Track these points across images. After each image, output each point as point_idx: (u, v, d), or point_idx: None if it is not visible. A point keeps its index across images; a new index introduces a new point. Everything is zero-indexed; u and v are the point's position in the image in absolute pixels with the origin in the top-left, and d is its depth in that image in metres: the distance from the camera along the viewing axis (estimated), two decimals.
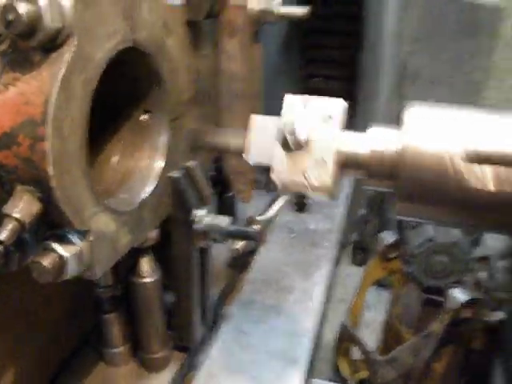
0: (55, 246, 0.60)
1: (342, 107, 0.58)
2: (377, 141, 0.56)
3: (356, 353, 2.45)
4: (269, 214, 1.45)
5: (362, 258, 3.53)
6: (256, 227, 0.91)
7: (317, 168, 0.60)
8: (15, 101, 0.55)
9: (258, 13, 0.93)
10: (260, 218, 1.21)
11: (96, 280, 0.85)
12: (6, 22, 0.51)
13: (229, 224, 0.87)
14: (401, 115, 0.58)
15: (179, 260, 0.87)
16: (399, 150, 0.54)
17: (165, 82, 0.78)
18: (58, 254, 0.60)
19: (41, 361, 0.87)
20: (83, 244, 0.62)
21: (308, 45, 3.58)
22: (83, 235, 0.62)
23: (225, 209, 1.19)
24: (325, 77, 3.64)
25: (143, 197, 0.76)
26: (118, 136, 0.81)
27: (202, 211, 0.85)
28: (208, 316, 0.98)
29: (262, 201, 1.48)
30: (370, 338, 2.60)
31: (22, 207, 0.55)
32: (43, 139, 0.53)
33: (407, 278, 2.69)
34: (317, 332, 1.05)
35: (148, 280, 0.85)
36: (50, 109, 0.53)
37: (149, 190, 0.77)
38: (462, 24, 3.98)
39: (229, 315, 1.07)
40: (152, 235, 0.82)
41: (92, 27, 0.59)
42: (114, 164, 0.79)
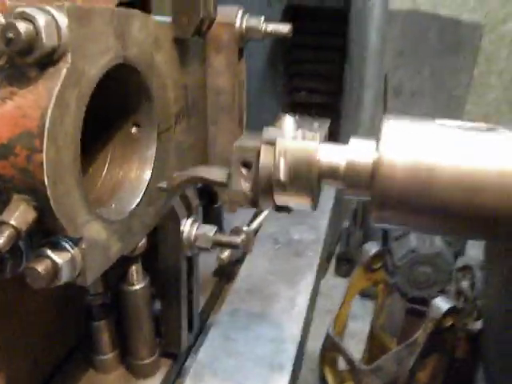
0: (49, 253, 0.63)
1: (323, 124, 0.62)
2: (354, 152, 0.60)
3: (342, 363, 2.48)
4: (254, 225, 1.49)
5: (347, 269, 3.58)
6: (242, 237, 0.94)
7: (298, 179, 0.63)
8: (13, 114, 0.57)
9: (244, 30, 0.97)
10: (246, 229, 1.24)
11: (86, 287, 0.88)
12: (6, 40, 0.54)
13: (216, 233, 0.90)
14: (378, 127, 0.62)
15: (168, 268, 0.90)
16: (375, 161, 0.58)
17: (154, 97, 0.81)
18: (52, 261, 0.62)
19: (32, 367, 0.89)
20: (76, 251, 0.65)
21: (292, 59, 3.64)
22: (76, 243, 0.65)
23: (211, 219, 1.22)
24: (309, 90, 3.71)
25: (133, 206, 0.79)
26: (109, 147, 0.84)
27: (190, 220, 0.89)
28: (195, 323, 1.00)
29: (248, 212, 1.51)
30: (356, 349, 2.63)
31: (19, 215, 0.58)
32: (40, 151, 0.56)
33: (391, 289, 2.73)
34: (301, 339, 1.08)
35: (137, 287, 0.88)
36: (47, 122, 0.56)
37: (138, 200, 0.80)
38: (444, 40, 4.08)
39: (215, 322, 1.10)
40: (141, 244, 0.84)
41: (86, 45, 0.62)
42: (105, 174, 0.82)
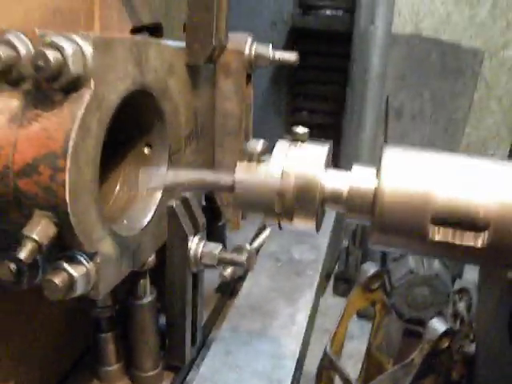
0: (66, 266, 0.66)
1: (327, 150, 0.66)
2: (356, 179, 0.64)
3: (338, 382, 2.49)
4: (256, 243, 1.52)
5: (345, 289, 3.60)
6: (245, 255, 0.97)
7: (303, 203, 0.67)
8: (38, 135, 0.61)
9: (253, 57, 1.02)
10: (248, 247, 1.28)
11: (96, 300, 0.91)
12: (36, 67, 0.59)
13: (220, 251, 0.94)
14: (379, 156, 0.66)
15: (174, 283, 0.93)
16: (376, 188, 0.62)
17: (166, 119, 0.85)
18: (69, 274, 0.66)
19: (39, 378, 0.92)
20: (91, 265, 0.68)
21: (296, 79, 3.71)
22: (91, 257, 0.69)
23: (215, 237, 1.26)
24: (311, 111, 3.77)
25: (144, 224, 0.83)
26: (122, 166, 0.88)
27: (196, 238, 0.92)
28: (198, 337, 1.03)
29: (250, 230, 1.55)
30: (353, 369, 2.64)
31: (40, 230, 0.62)
32: (63, 170, 0.60)
33: (389, 309, 2.75)
34: (300, 355, 1.11)
35: (145, 301, 0.91)
36: (70, 143, 0.60)
37: (149, 218, 0.84)
38: (445, 65, 4.15)
39: (217, 337, 1.13)
40: (150, 260, 0.88)
41: (107, 72, 0.66)
42: (117, 192, 0.86)
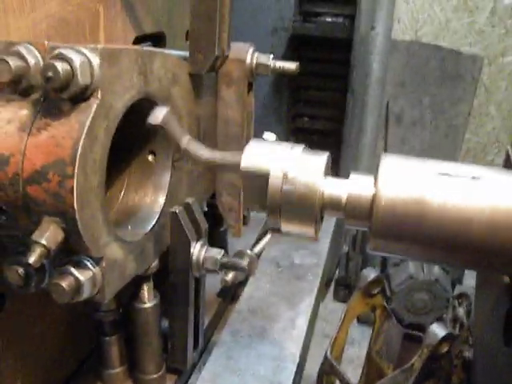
0: (73, 271, 0.68)
1: (326, 159, 0.68)
2: (354, 187, 0.66)
3: None
4: (257, 249, 1.54)
5: (345, 295, 3.61)
6: (246, 260, 0.99)
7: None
8: (47, 143, 0.64)
9: (254, 66, 1.04)
10: (249, 252, 1.30)
11: (99, 304, 0.93)
12: (46, 78, 0.61)
13: (222, 256, 0.95)
14: (376, 164, 0.68)
15: (177, 288, 0.95)
16: (373, 196, 0.64)
17: None
18: (75, 278, 0.68)
19: (44, 379, 0.94)
20: (97, 269, 0.70)
21: (297, 86, 3.73)
22: (97, 262, 0.71)
23: (217, 242, 1.28)
24: (312, 117, 3.79)
25: (147, 229, 0.85)
26: (126, 173, 0.90)
27: (199, 243, 0.94)
28: (200, 341, 1.05)
29: (251, 236, 1.57)
30: (354, 374, 2.65)
31: (49, 235, 0.64)
32: (71, 177, 0.62)
33: (389, 314, 2.76)
34: (301, 358, 1.13)
35: (148, 305, 0.93)
36: (78, 151, 0.62)
37: (152, 224, 0.86)
38: (445, 71, 4.18)
39: (219, 341, 1.15)
40: (154, 264, 0.90)
41: (114, 82, 0.68)
42: (122, 198, 0.88)
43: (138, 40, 1.04)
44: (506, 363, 0.89)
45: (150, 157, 0.90)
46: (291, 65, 1.04)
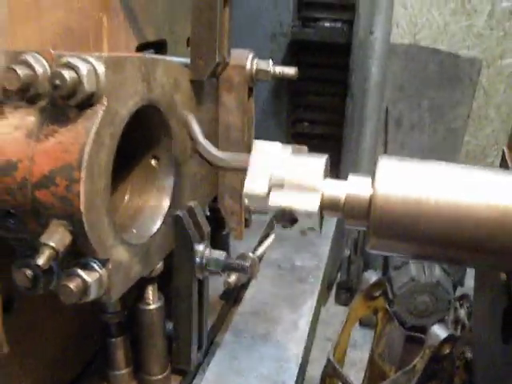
0: (80, 272, 0.70)
1: (325, 161, 0.70)
2: (352, 187, 0.68)
3: None
4: (259, 251, 1.56)
5: (347, 298, 3.63)
6: (248, 261, 1.01)
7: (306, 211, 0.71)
8: (55, 148, 0.66)
9: (254, 72, 1.06)
10: (251, 255, 1.32)
11: (105, 306, 0.95)
12: (53, 86, 0.63)
13: (225, 258, 0.97)
14: (374, 165, 0.70)
15: (181, 290, 0.97)
16: (371, 196, 0.66)
17: (172, 132, 0.90)
18: (83, 279, 0.70)
19: (49, 380, 0.96)
20: (103, 271, 0.72)
21: (296, 91, 3.75)
22: (104, 263, 0.72)
23: (219, 246, 1.30)
24: (312, 121, 3.82)
25: (152, 232, 0.87)
26: (129, 177, 0.92)
27: (202, 246, 0.96)
28: (204, 342, 1.07)
29: (253, 239, 1.59)
30: (356, 377, 2.66)
31: (57, 238, 0.66)
32: (78, 181, 0.64)
33: (390, 317, 2.77)
34: (303, 359, 1.15)
35: (153, 307, 0.95)
36: (85, 156, 0.64)
37: (157, 227, 0.88)
38: (444, 74, 4.20)
39: (222, 342, 1.17)
40: (158, 266, 0.92)
41: (119, 89, 0.71)
42: (126, 202, 0.90)
43: (141, 47, 1.06)
44: (505, 361, 0.91)
45: (154, 161, 0.92)
46: (290, 70, 1.06)
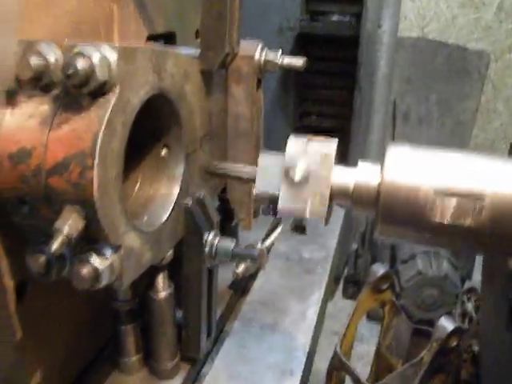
0: (93, 258, 0.71)
1: (335, 145, 0.71)
2: (361, 174, 0.69)
3: (349, 382, 2.52)
4: (267, 242, 1.57)
5: (354, 292, 3.63)
6: (257, 251, 1.02)
7: (314, 198, 0.72)
8: (69, 136, 0.67)
9: (263, 63, 1.07)
10: (259, 246, 1.33)
11: (117, 294, 0.97)
12: (66, 75, 0.64)
13: (234, 246, 0.98)
14: (383, 152, 0.71)
15: (190, 278, 0.98)
16: (379, 183, 0.67)
17: (182, 122, 0.91)
18: (95, 266, 0.71)
19: (62, 367, 0.97)
20: (115, 257, 0.73)
21: (304, 84, 3.75)
22: (115, 250, 0.74)
23: (228, 236, 1.31)
24: (319, 115, 3.81)
25: (162, 220, 0.88)
26: (140, 166, 0.93)
27: (211, 234, 0.97)
28: (213, 330, 1.08)
29: (261, 230, 1.60)
30: (363, 370, 2.67)
31: (70, 223, 0.67)
32: (91, 168, 0.65)
33: (398, 310, 2.78)
34: (311, 348, 1.16)
35: (163, 295, 0.96)
36: (98, 144, 0.65)
37: (167, 215, 0.89)
38: (452, 67, 4.19)
39: (231, 332, 1.18)
40: (168, 254, 0.93)
41: (130, 78, 0.71)
42: (138, 190, 0.91)
43: (150, 39, 1.07)
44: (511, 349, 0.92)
45: (164, 150, 0.93)
46: (298, 60, 1.07)
